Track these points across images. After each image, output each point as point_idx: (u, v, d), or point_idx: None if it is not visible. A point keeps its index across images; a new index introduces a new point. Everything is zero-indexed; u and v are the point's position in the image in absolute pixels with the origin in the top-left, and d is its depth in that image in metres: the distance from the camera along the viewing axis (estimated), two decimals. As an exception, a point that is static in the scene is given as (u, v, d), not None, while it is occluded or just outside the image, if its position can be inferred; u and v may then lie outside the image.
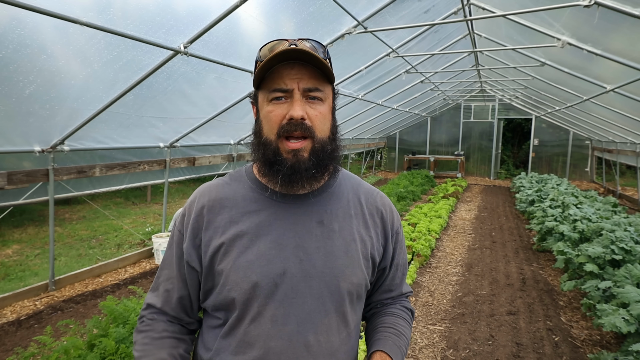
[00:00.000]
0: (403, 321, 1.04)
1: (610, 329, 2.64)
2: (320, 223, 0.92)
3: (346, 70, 5.67)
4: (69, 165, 4.04)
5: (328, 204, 0.95)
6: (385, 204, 1.04)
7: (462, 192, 10.77)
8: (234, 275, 0.86)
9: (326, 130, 0.90)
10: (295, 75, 0.84)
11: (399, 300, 1.09)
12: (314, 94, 0.86)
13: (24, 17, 2.32)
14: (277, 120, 0.85)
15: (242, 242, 0.88)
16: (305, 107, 0.85)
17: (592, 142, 12.10)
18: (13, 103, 2.91)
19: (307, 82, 0.85)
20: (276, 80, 0.85)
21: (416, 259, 4.98)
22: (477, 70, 9.14)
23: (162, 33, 3.00)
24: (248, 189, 0.95)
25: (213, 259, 0.89)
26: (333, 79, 0.90)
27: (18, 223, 7.24)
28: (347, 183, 1.02)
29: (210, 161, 5.95)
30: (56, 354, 2.37)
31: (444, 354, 3.09)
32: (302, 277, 0.87)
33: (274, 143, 0.86)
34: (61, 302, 3.90)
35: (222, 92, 4.41)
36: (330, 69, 0.87)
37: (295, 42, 0.87)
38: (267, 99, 0.87)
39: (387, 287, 1.06)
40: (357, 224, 0.96)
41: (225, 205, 0.93)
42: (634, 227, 4.20)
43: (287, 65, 0.85)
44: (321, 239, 0.90)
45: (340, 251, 0.91)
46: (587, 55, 4.54)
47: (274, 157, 0.87)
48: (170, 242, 0.98)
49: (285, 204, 0.92)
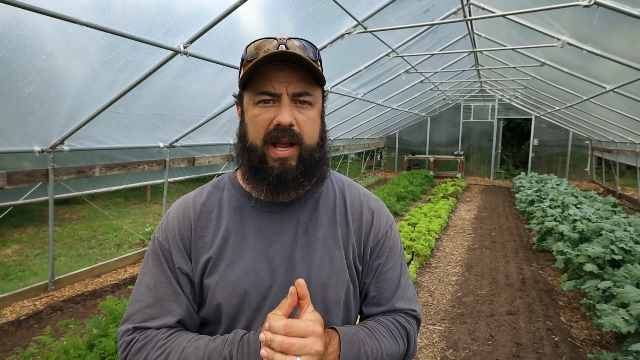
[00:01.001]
0: (385, 330, 0.89)
1: (610, 329, 2.64)
2: (305, 232, 0.88)
3: (346, 70, 5.67)
4: (68, 165, 4.04)
5: (314, 211, 0.91)
6: (371, 207, 0.96)
7: (462, 192, 10.77)
8: (221, 289, 0.83)
9: (315, 136, 0.85)
10: (284, 78, 0.80)
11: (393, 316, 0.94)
12: (304, 99, 0.82)
13: (24, 17, 2.32)
14: (264, 125, 0.81)
15: (229, 254, 0.85)
16: (293, 112, 0.81)
17: (592, 142, 12.10)
18: (12, 103, 2.91)
19: (297, 86, 0.81)
20: (263, 82, 0.80)
21: (416, 259, 4.98)
22: (476, 70, 9.14)
23: (162, 33, 3.00)
24: (232, 198, 0.91)
25: (202, 274, 0.86)
26: (324, 82, 0.85)
27: (18, 223, 7.23)
28: (336, 185, 0.97)
29: (210, 161, 5.95)
30: (56, 354, 2.37)
31: (444, 354, 3.09)
32: (287, 289, 0.83)
33: (260, 149, 0.82)
34: (61, 302, 3.90)
35: (221, 92, 4.41)
36: (320, 72, 0.82)
37: (285, 41, 0.82)
38: (253, 101, 0.83)
39: (376, 300, 0.94)
40: (341, 231, 0.91)
41: (210, 218, 0.89)
42: (634, 227, 4.20)
43: (276, 67, 0.80)
44: (305, 249, 0.87)
45: (324, 260, 0.87)
46: (587, 55, 4.54)
47: (259, 164, 0.83)
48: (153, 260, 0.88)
49: (271, 213, 0.89)
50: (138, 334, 0.82)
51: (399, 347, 0.90)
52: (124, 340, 0.82)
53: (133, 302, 0.86)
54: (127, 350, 0.81)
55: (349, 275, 0.90)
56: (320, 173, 0.92)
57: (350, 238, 0.91)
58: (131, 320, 0.84)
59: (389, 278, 0.94)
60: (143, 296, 0.85)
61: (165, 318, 0.84)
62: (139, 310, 0.84)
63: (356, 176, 13.61)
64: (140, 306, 0.84)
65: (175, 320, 0.84)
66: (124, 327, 0.83)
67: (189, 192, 0.97)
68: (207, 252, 0.86)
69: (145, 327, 0.83)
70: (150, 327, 0.83)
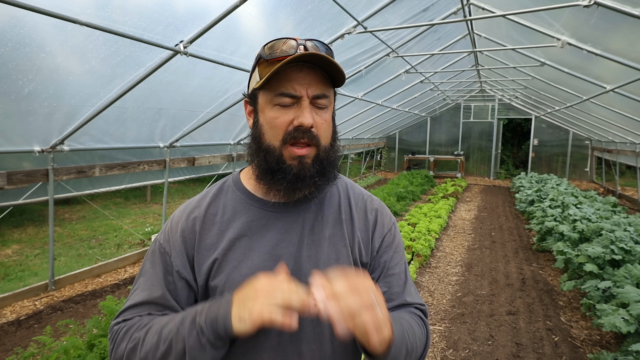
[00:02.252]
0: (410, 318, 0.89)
1: (609, 329, 2.64)
2: (311, 230, 0.89)
3: (346, 70, 5.67)
4: (68, 165, 4.03)
5: (319, 210, 0.92)
6: (374, 206, 0.99)
7: (462, 192, 10.77)
8: (229, 290, 0.82)
9: (329, 138, 0.87)
10: (303, 79, 0.80)
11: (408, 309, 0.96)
12: (321, 101, 0.83)
13: (23, 16, 2.32)
14: (283, 126, 0.81)
15: (235, 255, 0.85)
16: (312, 114, 0.82)
17: (592, 142, 12.10)
18: (12, 101, 2.91)
19: (316, 88, 0.81)
20: (283, 83, 0.80)
21: (416, 259, 4.98)
22: (476, 70, 9.14)
23: (162, 33, 2.99)
24: (237, 199, 0.91)
25: (207, 276, 0.85)
26: (342, 82, 0.85)
27: (18, 223, 7.23)
28: (339, 186, 0.99)
29: (210, 161, 5.94)
30: (56, 354, 2.37)
31: (444, 354, 3.09)
32: None
33: (278, 150, 0.83)
34: (61, 302, 3.90)
35: (221, 91, 4.41)
36: (343, 73, 0.82)
37: (304, 42, 0.82)
38: (270, 102, 0.82)
39: (387, 295, 0.95)
40: (347, 229, 0.93)
41: (215, 221, 0.89)
42: (634, 227, 4.20)
43: (296, 68, 0.80)
44: (312, 247, 0.88)
45: (331, 259, 0.88)
46: (587, 55, 4.54)
47: (277, 165, 0.83)
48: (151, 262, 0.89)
49: (276, 213, 0.89)
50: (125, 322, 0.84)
51: (424, 337, 0.91)
52: (112, 330, 0.84)
53: (127, 300, 0.88)
54: (114, 338, 0.83)
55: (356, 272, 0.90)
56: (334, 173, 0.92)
57: (356, 236, 0.93)
58: (121, 316, 0.86)
59: (397, 273, 0.96)
60: (136, 297, 0.87)
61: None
62: (130, 307, 0.86)
63: (356, 176, 13.61)
64: (132, 303, 0.86)
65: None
66: (113, 322, 0.86)
67: (192, 197, 0.97)
68: (212, 255, 0.86)
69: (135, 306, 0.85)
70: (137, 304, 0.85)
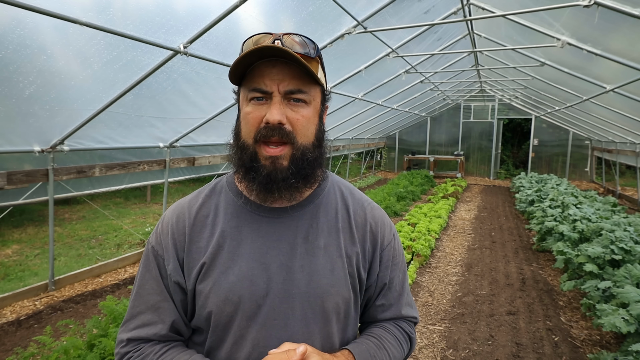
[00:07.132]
0: (392, 338, 0.93)
1: (609, 329, 2.64)
2: (305, 239, 0.85)
3: (346, 70, 5.67)
4: (68, 165, 4.03)
5: (314, 218, 0.88)
6: (375, 216, 0.95)
7: (462, 192, 10.77)
8: (214, 296, 0.81)
9: (309, 136, 0.82)
10: (275, 75, 0.77)
11: (398, 322, 0.98)
12: (297, 96, 0.79)
13: (24, 18, 2.32)
14: (255, 123, 0.79)
15: (222, 261, 0.83)
16: (285, 110, 0.78)
17: (592, 142, 12.10)
18: (13, 104, 2.91)
19: (289, 83, 0.78)
20: (256, 79, 0.78)
21: (416, 259, 4.98)
22: (476, 70, 9.14)
23: (162, 33, 2.99)
24: (229, 201, 0.88)
25: (195, 280, 0.83)
26: (318, 80, 0.81)
27: (18, 223, 7.23)
28: (337, 191, 0.94)
29: (210, 161, 5.95)
30: (56, 354, 2.37)
31: (444, 354, 3.09)
32: (284, 298, 0.82)
33: (252, 147, 0.80)
34: (61, 302, 3.90)
35: (221, 92, 4.41)
36: (312, 71, 0.77)
37: (281, 37, 0.79)
38: (247, 98, 0.81)
39: (382, 308, 0.95)
40: (344, 238, 0.89)
41: (206, 223, 0.87)
42: (634, 227, 4.20)
43: (269, 63, 0.77)
44: (305, 257, 0.84)
45: (326, 269, 0.84)
46: (587, 55, 4.54)
47: (250, 163, 0.80)
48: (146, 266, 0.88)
49: (269, 218, 0.86)
50: (132, 347, 0.83)
51: (404, 351, 0.96)
52: (118, 351, 0.84)
53: (128, 309, 0.88)
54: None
55: (351, 283, 0.88)
56: (320, 176, 0.89)
57: (354, 246, 0.89)
58: (126, 327, 0.86)
59: (394, 286, 0.96)
60: (136, 302, 0.86)
61: (158, 326, 0.84)
62: (132, 317, 0.86)
63: (356, 176, 13.61)
64: (134, 312, 0.86)
65: (167, 328, 0.84)
66: (119, 337, 0.85)
67: (186, 196, 0.95)
68: (201, 258, 0.83)
69: (139, 338, 0.84)
70: (143, 338, 0.84)
